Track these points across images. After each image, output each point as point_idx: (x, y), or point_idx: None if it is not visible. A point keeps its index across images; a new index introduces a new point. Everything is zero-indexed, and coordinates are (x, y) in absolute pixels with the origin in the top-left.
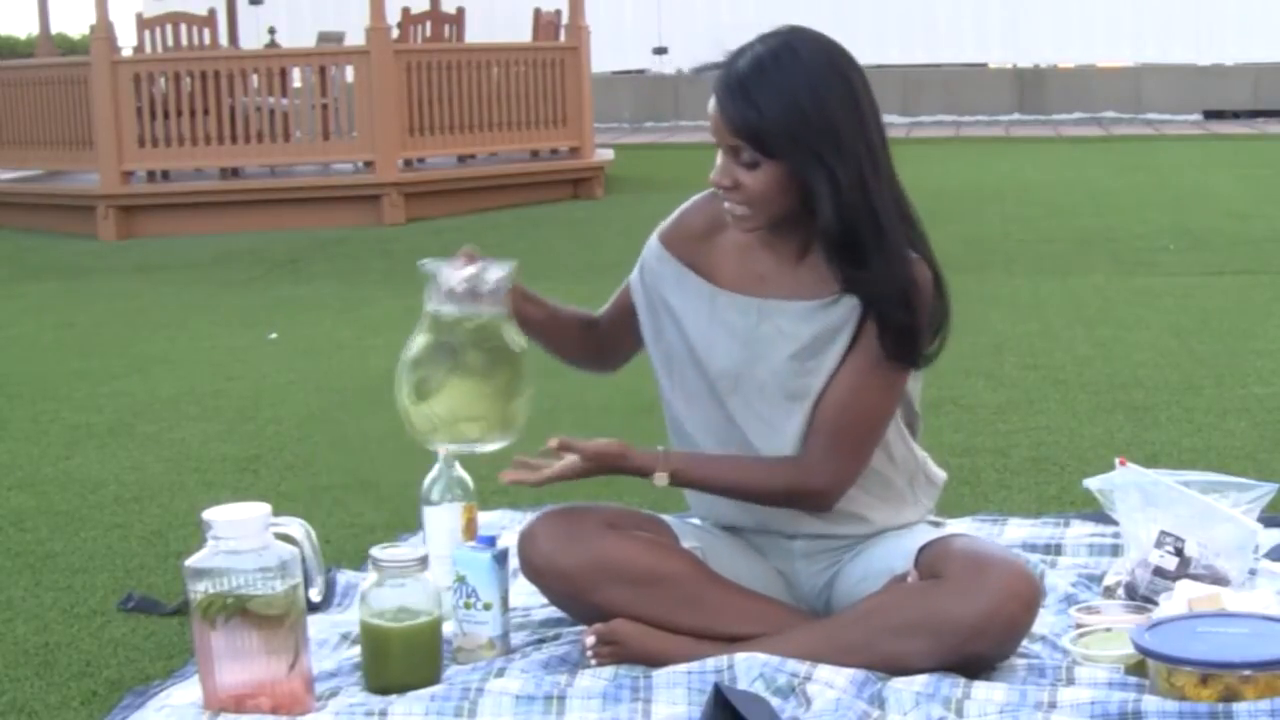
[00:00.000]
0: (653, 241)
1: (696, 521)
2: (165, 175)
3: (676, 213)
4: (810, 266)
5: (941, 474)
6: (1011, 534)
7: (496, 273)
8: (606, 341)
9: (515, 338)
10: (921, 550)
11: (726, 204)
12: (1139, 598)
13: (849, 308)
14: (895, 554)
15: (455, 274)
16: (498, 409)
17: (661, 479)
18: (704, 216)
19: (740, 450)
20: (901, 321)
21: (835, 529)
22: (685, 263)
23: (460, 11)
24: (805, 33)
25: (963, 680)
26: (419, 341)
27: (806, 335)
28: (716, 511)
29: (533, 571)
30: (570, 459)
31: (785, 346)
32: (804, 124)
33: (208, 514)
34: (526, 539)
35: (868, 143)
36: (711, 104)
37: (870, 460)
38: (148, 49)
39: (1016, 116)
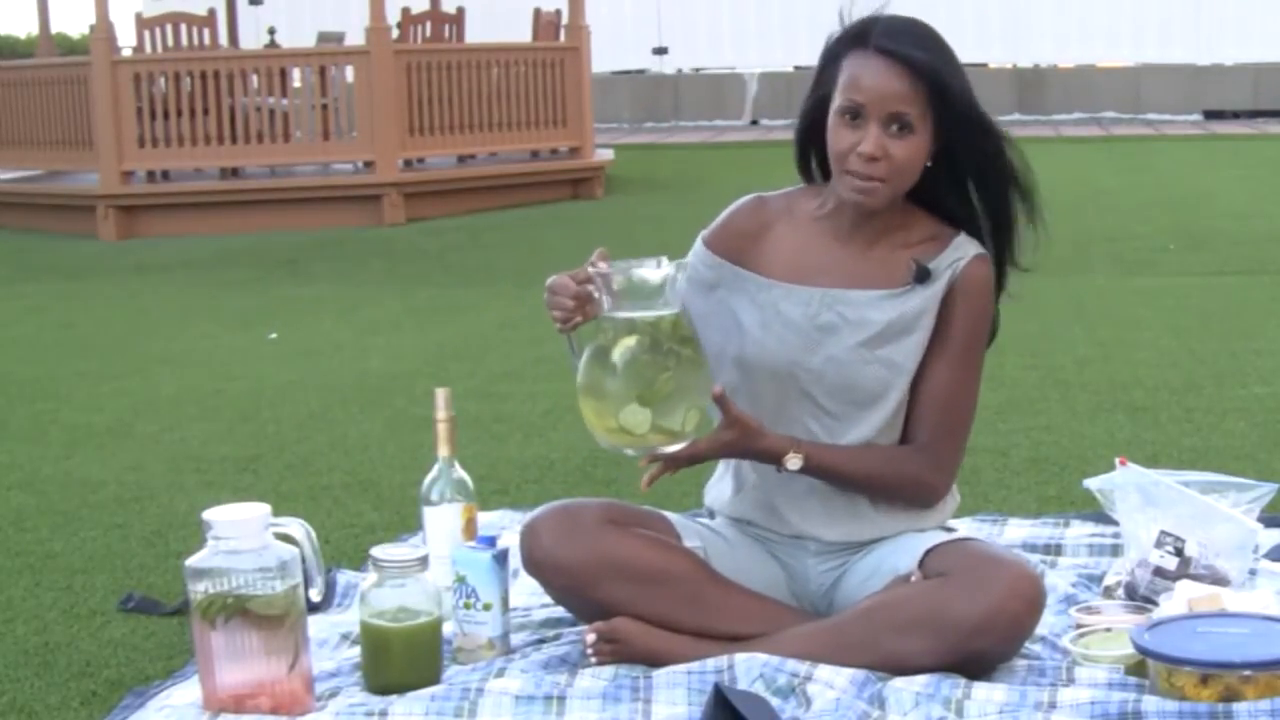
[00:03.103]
0: (698, 248)
1: (703, 520)
2: (165, 175)
3: (722, 216)
4: (878, 258)
5: (958, 495)
6: (1011, 534)
7: (673, 269)
8: None
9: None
10: (927, 552)
11: (861, 179)
12: (1139, 598)
13: (924, 299)
14: (901, 554)
15: (651, 273)
16: (705, 400)
17: (795, 461)
18: (753, 219)
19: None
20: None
21: (859, 535)
22: (735, 261)
23: (460, 11)
24: (920, 20)
25: (963, 680)
26: (626, 347)
27: (877, 323)
28: (741, 507)
29: (534, 566)
30: (700, 441)
31: (851, 334)
32: (959, 86)
33: (208, 514)
34: (528, 533)
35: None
36: (869, 73)
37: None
38: (147, 49)
39: (1016, 116)
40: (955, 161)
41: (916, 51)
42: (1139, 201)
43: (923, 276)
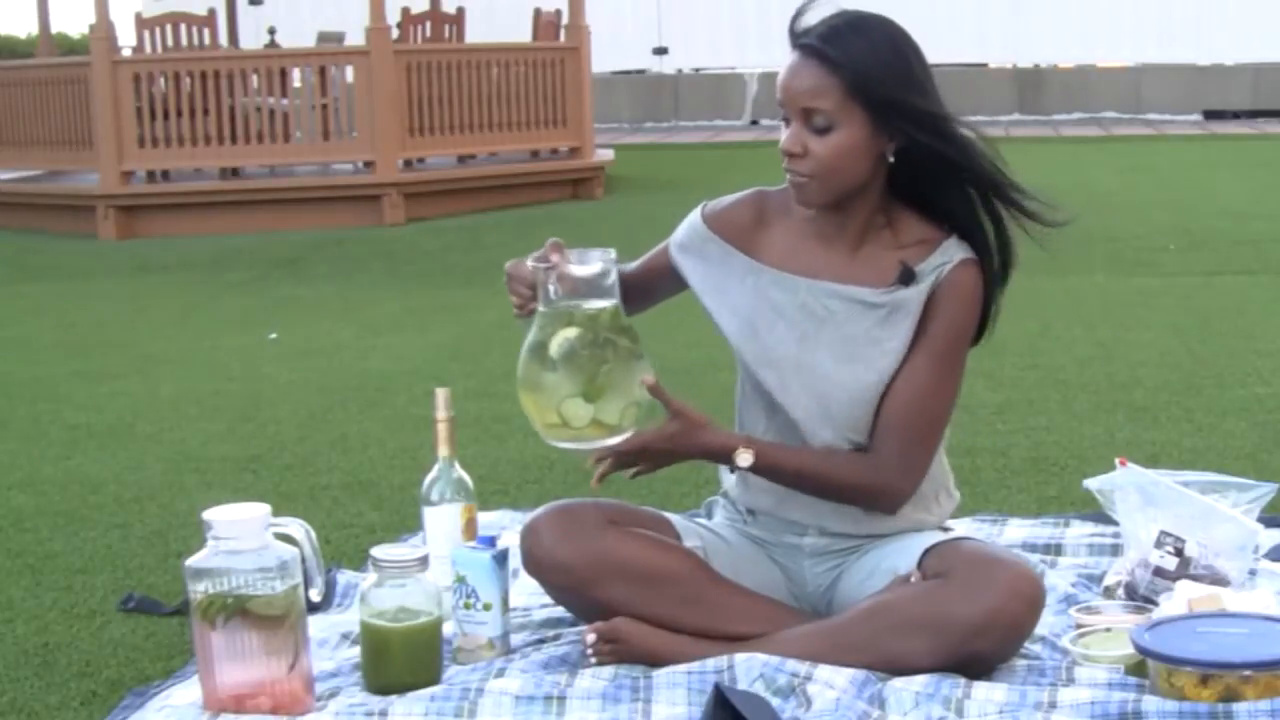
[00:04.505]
0: (695, 219)
1: (702, 521)
2: (165, 175)
3: (725, 199)
4: (865, 259)
5: (958, 494)
6: (1011, 534)
7: (608, 259)
8: (629, 294)
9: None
10: (926, 552)
11: (790, 174)
12: (1139, 598)
13: (906, 300)
14: (900, 555)
15: (586, 267)
16: (643, 393)
17: (745, 457)
18: (753, 210)
19: (786, 434)
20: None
21: (855, 528)
22: (729, 242)
23: (460, 11)
24: (869, 12)
25: (963, 680)
26: (565, 339)
27: (862, 320)
28: (747, 495)
29: (534, 565)
30: (640, 434)
31: (837, 329)
32: (887, 72)
33: (208, 514)
34: (529, 533)
35: (941, 105)
36: (785, 70)
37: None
38: (147, 49)
39: (1016, 116)
40: (921, 159)
41: (831, 46)
42: (1139, 201)
43: (907, 279)
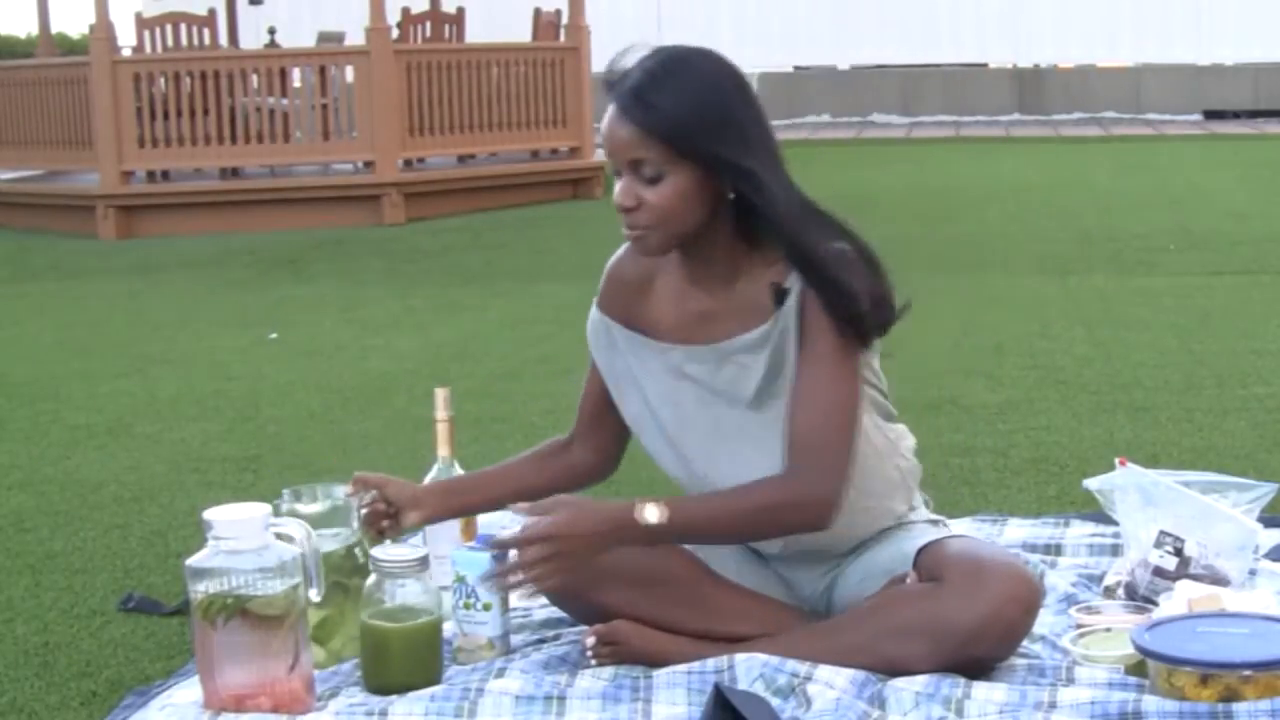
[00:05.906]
0: (593, 314)
1: None
2: (165, 175)
3: (605, 274)
4: (747, 293)
5: (919, 465)
6: (1011, 534)
7: (343, 499)
8: (605, 440)
9: (363, 551)
10: (921, 551)
11: (628, 227)
12: (1139, 598)
13: (788, 317)
14: (895, 555)
15: (313, 506)
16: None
17: (654, 511)
18: (632, 268)
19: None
20: (847, 292)
21: (834, 544)
22: (626, 325)
23: (460, 11)
24: (687, 46)
25: (963, 680)
26: None
27: (764, 361)
28: None
29: None
30: (534, 528)
31: (750, 381)
32: (705, 120)
33: (208, 514)
34: None
35: (767, 138)
36: (605, 123)
37: (856, 453)
38: (147, 49)
39: (1016, 116)
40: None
41: (644, 101)
42: (1139, 201)
43: (780, 297)
